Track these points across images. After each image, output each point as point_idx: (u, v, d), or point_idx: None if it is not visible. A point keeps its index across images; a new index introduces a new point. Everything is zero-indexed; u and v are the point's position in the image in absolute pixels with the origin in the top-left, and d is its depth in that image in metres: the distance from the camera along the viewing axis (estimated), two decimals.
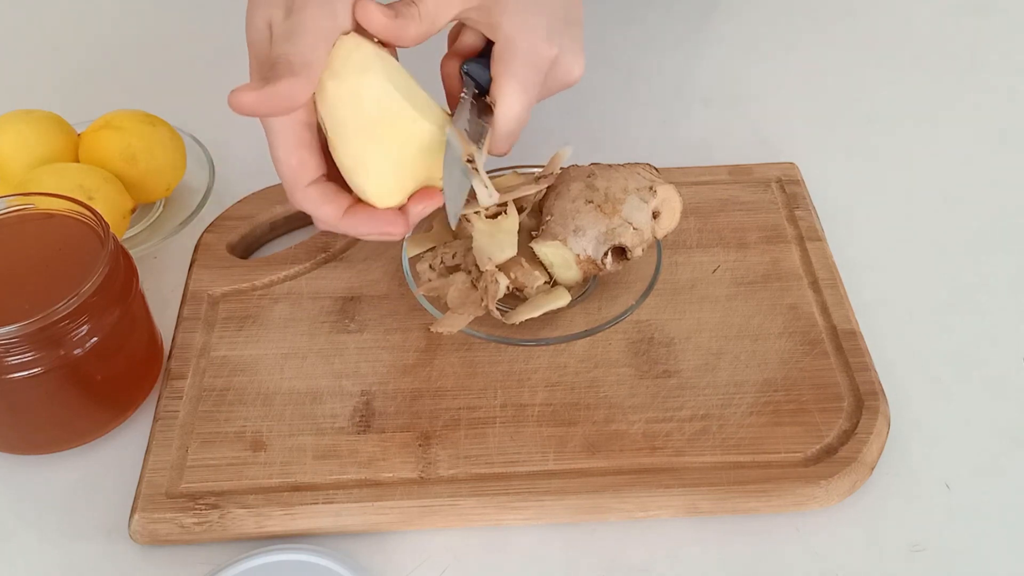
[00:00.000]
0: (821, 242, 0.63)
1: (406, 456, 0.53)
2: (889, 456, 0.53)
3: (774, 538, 0.51)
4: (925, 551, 0.50)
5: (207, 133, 0.71)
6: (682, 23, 0.86)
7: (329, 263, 0.63)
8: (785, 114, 0.76)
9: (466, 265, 0.58)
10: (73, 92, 0.80)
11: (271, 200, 0.66)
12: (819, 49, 0.83)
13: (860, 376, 0.55)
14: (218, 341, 0.58)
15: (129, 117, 0.66)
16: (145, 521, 0.50)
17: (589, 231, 0.55)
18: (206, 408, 0.55)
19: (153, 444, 0.53)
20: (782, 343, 0.57)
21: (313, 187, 0.50)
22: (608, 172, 0.57)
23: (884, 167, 0.71)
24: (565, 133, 0.75)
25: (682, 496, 0.51)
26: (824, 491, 0.51)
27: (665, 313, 0.59)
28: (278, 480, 0.52)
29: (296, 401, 0.55)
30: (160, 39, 0.86)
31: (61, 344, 0.50)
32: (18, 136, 0.63)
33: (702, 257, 0.62)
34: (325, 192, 0.51)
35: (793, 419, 0.54)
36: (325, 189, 0.51)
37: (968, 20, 0.85)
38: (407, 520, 0.51)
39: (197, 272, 0.62)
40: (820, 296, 0.60)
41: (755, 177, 0.68)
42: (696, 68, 0.82)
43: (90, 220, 0.53)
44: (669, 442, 0.53)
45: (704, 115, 0.76)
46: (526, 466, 0.52)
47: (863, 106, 0.77)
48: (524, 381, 0.56)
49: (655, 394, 0.55)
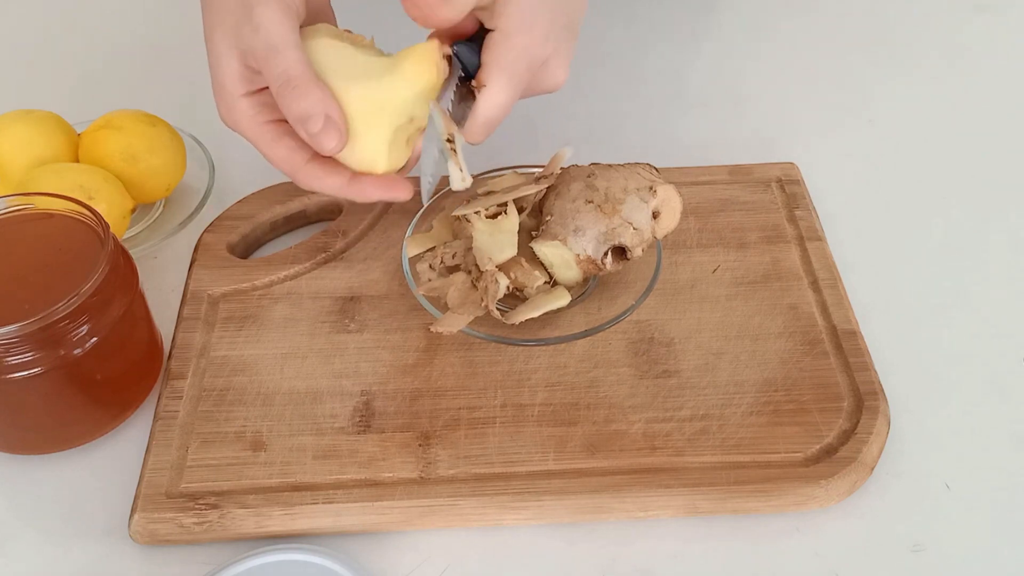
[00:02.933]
0: (821, 242, 0.63)
1: (406, 456, 0.53)
2: (889, 456, 0.53)
3: (774, 538, 0.51)
4: (925, 551, 0.50)
5: (207, 133, 0.71)
6: (682, 23, 0.86)
7: (329, 263, 0.63)
8: (785, 114, 0.76)
9: (466, 265, 0.58)
10: (73, 92, 0.80)
11: (271, 200, 0.66)
12: (819, 49, 0.83)
13: (860, 376, 0.55)
14: (218, 341, 0.58)
15: (129, 117, 0.66)
16: (145, 521, 0.50)
17: (589, 231, 0.55)
18: (206, 408, 0.55)
19: (153, 444, 0.53)
20: (782, 343, 0.57)
21: (311, 164, 0.54)
22: (608, 172, 0.57)
23: (884, 167, 0.71)
24: (565, 133, 0.75)
25: (682, 496, 0.51)
26: (824, 491, 0.51)
27: (665, 313, 0.59)
28: (278, 480, 0.52)
29: (296, 401, 0.55)
30: (160, 39, 0.86)
31: (61, 344, 0.50)
32: (18, 136, 0.63)
33: (702, 257, 0.62)
34: (324, 164, 0.54)
35: (793, 419, 0.54)
36: (324, 162, 0.54)
37: (969, 20, 0.85)
38: (407, 520, 0.51)
39: (197, 272, 0.62)
40: (820, 296, 0.60)
41: (755, 177, 0.68)
42: (696, 68, 0.82)
43: (90, 220, 0.53)
44: (669, 442, 0.53)
45: (704, 115, 0.76)
46: (526, 466, 0.52)
47: (863, 106, 0.77)
48: (524, 381, 0.56)
49: (655, 394, 0.55)
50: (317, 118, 0.51)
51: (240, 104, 0.53)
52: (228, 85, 0.53)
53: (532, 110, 0.76)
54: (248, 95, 0.53)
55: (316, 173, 0.54)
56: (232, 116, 0.54)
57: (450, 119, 0.51)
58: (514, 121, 0.75)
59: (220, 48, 0.53)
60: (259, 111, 0.54)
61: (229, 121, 0.55)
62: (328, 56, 0.53)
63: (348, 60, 0.53)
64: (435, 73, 0.51)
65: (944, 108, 0.76)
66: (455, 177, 0.52)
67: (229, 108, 0.54)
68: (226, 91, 0.53)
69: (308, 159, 0.54)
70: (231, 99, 0.53)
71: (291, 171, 0.55)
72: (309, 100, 0.50)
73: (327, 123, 0.51)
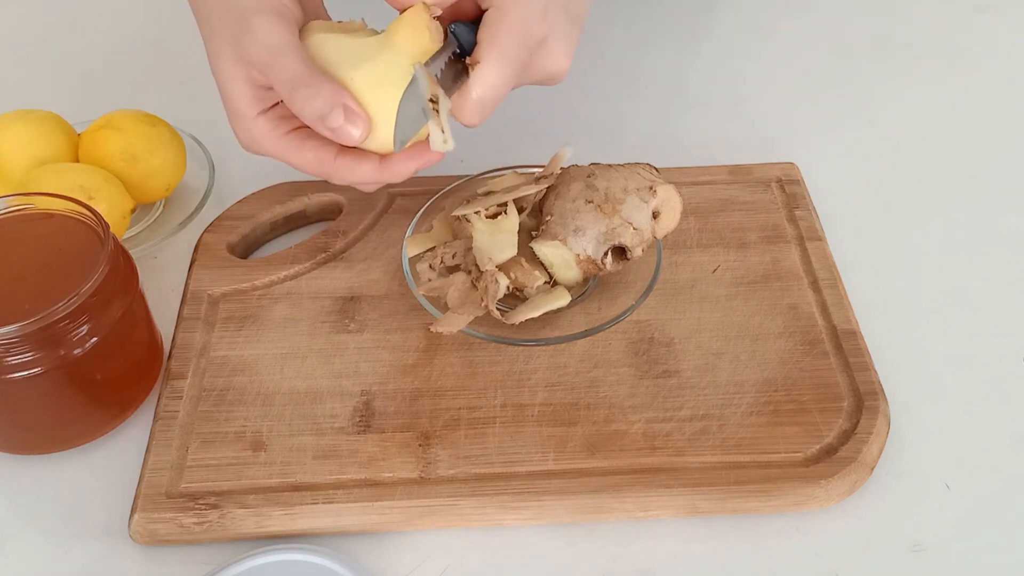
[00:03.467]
0: (821, 242, 0.63)
1: (406, 456, 0.53)
2: (889, 456, 0.53)
3: (774, 538, 0.51)
4: (925, 551, 0.50)
5: (207, 133, 0.71)
6: (682, 23, 0.86)
7: (329, 263, 0.63)
8: (785, 114, 0.76)
9: (466, 265, 0.58)
10: (73, 92, 0.80)
11: (271, 200, 0.66)
12: (819, 49, 0.83)
13: (860, 376, 0.55)
14: (218, 341, 0.58)
15: (129, 117, 0.66)
16: (145, 521, 0.50)
17: (589, 231, 0.55)
18: (206, 408, 0.55)
19: (153, 444, 0.53)
20: (782, 343, 0.57)
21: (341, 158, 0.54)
22: (608, 172, 0.57)
23: (884, 167, 0.71)
24: (565, 133, 0.75)
25: (682, 496, 0.51)
26: (824, 491, 0.51)
27: (665, 313, 0.59)
28: (278, 480, 0.52)
29: (296, 401, 0.55)
30: (160, 39, 0.86)
31: (61, 344, 0.50)
32: (18, 136, 0.63)
33: (702, 257, 0.62)
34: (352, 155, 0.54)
35: (793, 419, 0.54)
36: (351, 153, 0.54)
37: (969, 20, 0.85)
38: (407, 520, 0.51)
39: (197, 272, 0.62)
40: (820, 296, 0.60)
41: (755, 177, 0.68)
42: (696, 68, 0.82)
43: (90, 220, 0.53)
44: (669, 442, 0.53)
45: (704, 115, 0.76)
46: (526, 466, 0.52)
47: (863, 106, 0.77)
48: (524, 381, 0.56)
49: (655, 394, 0.55)
50: (336, 112, 0.50)
51: (257, 124, 0.53)
52: (242, 109, 0.53)
53: (532, 110, 0.76)
54: (263, 113, 0.53)
55: (348, 165, 0.54)
56: (252, 138, 0.54)
57: (435, 82, 0.51)
58: (514, 121, 0.75)
59: (226, 74, 0.52)
60: (276, 125, 0.54)
61: (252, 145, 0.54)
62: (324, 50, 0.53)
63: (344, 49, 0.53)
64: (427, 36, 0.51)
65: (944, 108, 0.76)
66: (436, 138, 0.51)
67: (248, 131, 0.54)
68: (241, 116, 0.53)
69: (336, 155, 0.54)
70: (247, 122, 0.53)
71: (323, 171, 0.54)
72: (322, 97, 0.50)
73: (347, 114, 0.50)
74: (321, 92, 0.50)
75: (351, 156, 0.54)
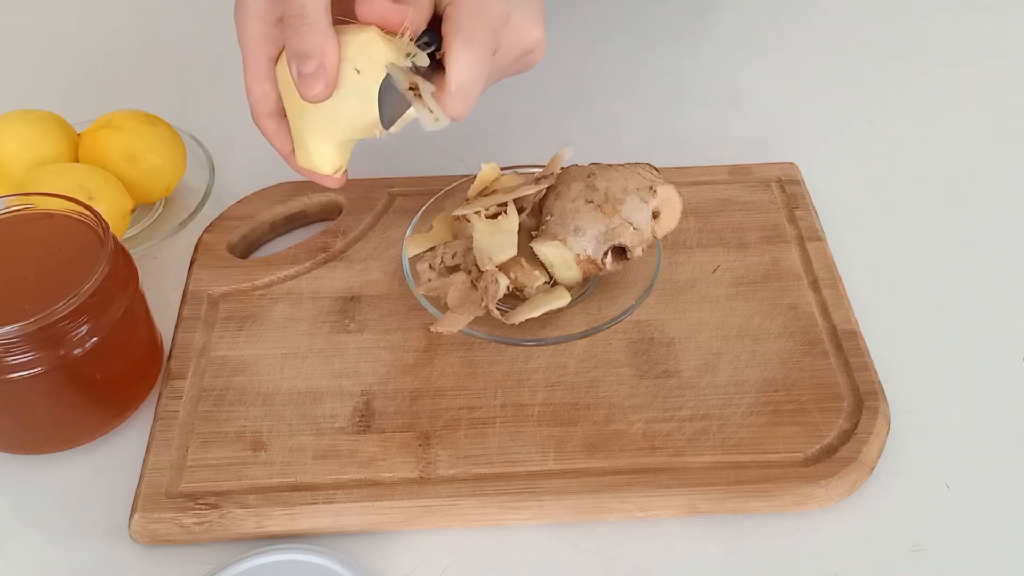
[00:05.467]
0: (821, 242, 0.63)
1: (406, 456, 0.53)
2: (889, 456, 0.53)
3: (774, 538, 0.51)
4: (925, 551, 0.50)
5: (207, 133, 0.71)
6: (682, 23, 0.86)
7: (329, 263, 0.63)
8: (785, 114, 0.76)
9: (466, 265, 0.58)
10: (73, 92, 0.80)
11: (271, 200, 0.66)
12: (819, 49, 0.83)
13: (860, 376, 0.55)
14: (218, 341, 0.58)
15: (129, 117, 0.66)
16: (145, 521, 0.50)
17: (589, 231, 0.55)
18: (206, 408, 0.55)
19: (153, 444, 0.53)
20: (782, 343, 0.57)
21: (270, 119, 0.55)
22: (608, 172, 0.57)
23: (884, 167, 0.71)
24: (565, 133, 0.75)
25: (682, 496, 0.51)
26: (824, 491, 0.51)
27: (665, 313, 0.59)
28: (278, 480, 0.52)
29: (296, 401, 0.55)
30: (160, 39, 0.86)
31: (61, 344, 0.50)
32: (18, 136, 0.63)
33: (702, 257, 0.62)
34: (280, 128, 0.56)
35: (793, 419, 0.54)
36: (281, 125, 0.56)
37: (969, 20, 0.85)
38: (407, 520, 0.51)
39: (197, 272, 0.62)
40: (820, 296, 0.60)
41: (755, 177, 0.68)
42: (696, 68, 0.82)
43: (90, 220, 0.53)
44: (669, 442, 0.53)
45: (704, 115, 0.76)
46: (526, 466, 0.52)
47: (863, 106, 0.77)
48: (524, 381, 0.56)
49: (655, 394, 0.55)
50: (313, 60, 0.50)
51: (252, 25, 0.53)
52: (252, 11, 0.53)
53: (532, 110, 0.76)
54: (262, 19, 0.53)
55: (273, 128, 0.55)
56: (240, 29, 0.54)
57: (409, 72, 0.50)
58: (514, 121, 0.75)
59: None
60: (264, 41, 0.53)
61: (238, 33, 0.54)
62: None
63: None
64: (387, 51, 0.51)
65: (944, 108, 0.76)
66: (426, 119, 0.51)
67: (242, 23, 0.53)
68: (247, 6, 0.53)
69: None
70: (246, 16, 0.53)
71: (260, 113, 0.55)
72: (312, 40, 0.50)
73: (319, 69, 0.50)
74: (315, 36, 0.50)
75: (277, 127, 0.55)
